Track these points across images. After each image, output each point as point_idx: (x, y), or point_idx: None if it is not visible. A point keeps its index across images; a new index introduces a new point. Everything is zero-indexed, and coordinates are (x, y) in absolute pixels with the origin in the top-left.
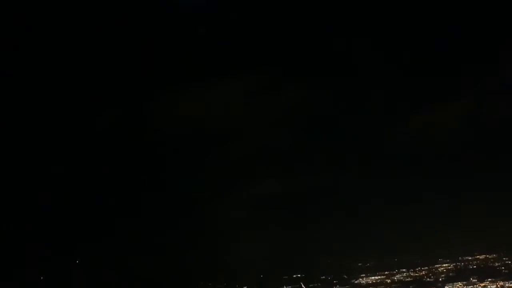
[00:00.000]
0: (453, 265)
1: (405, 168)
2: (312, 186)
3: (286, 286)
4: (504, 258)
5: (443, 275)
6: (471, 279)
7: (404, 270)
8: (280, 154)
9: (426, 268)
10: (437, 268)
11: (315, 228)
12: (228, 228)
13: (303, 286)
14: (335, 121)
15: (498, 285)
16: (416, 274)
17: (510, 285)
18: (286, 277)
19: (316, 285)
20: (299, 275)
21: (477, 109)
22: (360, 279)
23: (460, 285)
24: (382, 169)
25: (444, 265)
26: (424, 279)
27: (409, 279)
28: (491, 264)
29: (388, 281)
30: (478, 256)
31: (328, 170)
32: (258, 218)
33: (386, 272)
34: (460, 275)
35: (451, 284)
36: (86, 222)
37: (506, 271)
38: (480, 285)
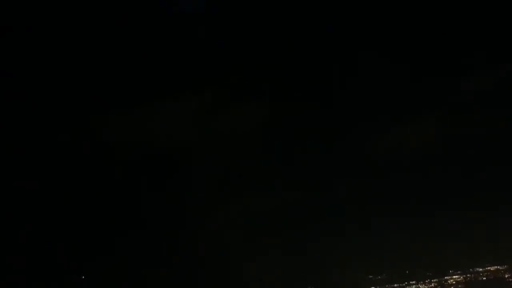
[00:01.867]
0: (463, 277)
1: (407, 179)
2: (311, 200)
3: None
4: None
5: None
6: None
7: (413, 282)
8: (268, 170)
9: (436, 280)
10: (447, 280)
11: (324, 242)
12: (232, 245)
13: None
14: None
15: None
16: (426, 287)
17: None
18: None
19: None
20: None
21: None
22: None
23: None
24: (380, 180)
25: (454, 277)
26: None
27: None
28: (501, 276)
29: None
30: (489, 268)
31: (324, 184)
32: (261, 235)
33: (395, 285)
34: (469, 287)
35: None
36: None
37: None
38: None
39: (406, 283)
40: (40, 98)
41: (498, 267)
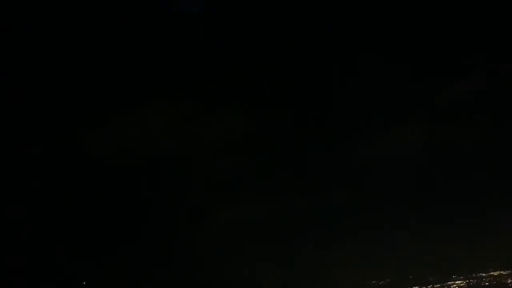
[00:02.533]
0: (466, 282)
1: (407, 180)
2: (311, 201)
3: None
4: None
5: None
6: None
7: (416, 287)
8: (268, 170)
9: (438, 285)
10: (449, 285)
11: (325, 245)
12: (232, 245)
13: None
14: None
15: None
16: None
17: None
18: None
19: None
20: None
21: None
22: None
23: None
24: (381, 180)
25: (457, 282)
26: None
27: None
28: (504, 281)
29: None
30: (492, 273)
31: (324, 185)
32: (261, 236)
33: None
34: None
35: None
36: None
37: None
38: None
39: None
40: (39, 98)
41: (501, 272)
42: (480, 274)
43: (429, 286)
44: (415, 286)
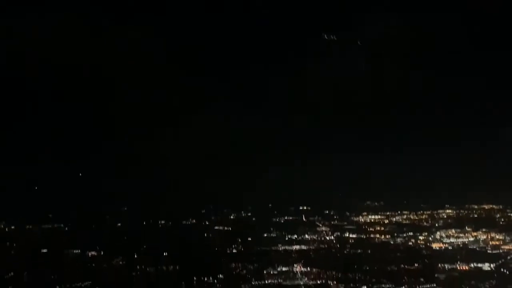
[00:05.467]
0: (456, 212)
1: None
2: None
3: (287, 216)
4: (507, 210)
5: (441, 221)
6: (466, 227)
7: (406, 212)
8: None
9: (429, 212)
10: (439, 213)
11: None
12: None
13: (304, 218)
14: None
15: (489, 236)
16: (416, 218)
17: (500, 237)
18: (292, 208)
19: (316, 218)
20: (305, 208)
21: None
22: (360, 217)
23: (453, 232)
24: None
25: (448, 211)
26: (421, 223)
27: (406, 221)
28: (493, 215)
29: (386, 221)
30: (484, 206)
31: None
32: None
33: (388, 213)
34: (458, 222)
35: (444, 230)
36: None
37: (503, 223)
38: (472, 234)
39: (398, 212)
40: None
41: (493, 206)
42: (472, 205)
43: (419, 212)
44: (405, 211)
